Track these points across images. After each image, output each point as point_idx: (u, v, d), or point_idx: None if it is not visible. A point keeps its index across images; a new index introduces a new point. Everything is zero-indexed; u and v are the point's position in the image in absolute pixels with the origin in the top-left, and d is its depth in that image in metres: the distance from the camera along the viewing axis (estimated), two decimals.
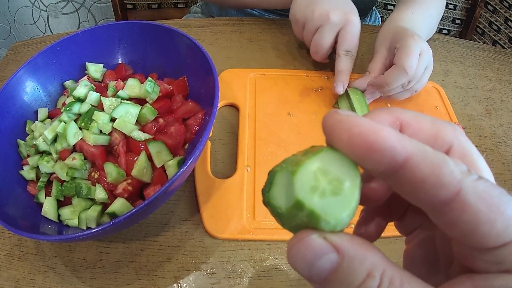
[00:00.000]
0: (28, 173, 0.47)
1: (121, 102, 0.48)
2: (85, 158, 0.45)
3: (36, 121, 0.51)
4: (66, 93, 0.55)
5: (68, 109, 0.47)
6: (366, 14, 0.94)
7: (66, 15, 1.56)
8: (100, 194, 0.43)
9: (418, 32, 0.62)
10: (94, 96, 0.49)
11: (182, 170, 0.38)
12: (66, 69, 0.56)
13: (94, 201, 0.44)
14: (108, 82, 0.55)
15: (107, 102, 0.47)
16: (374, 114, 0.20)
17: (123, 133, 0.46)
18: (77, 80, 0.56)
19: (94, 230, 0.35)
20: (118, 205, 0.42)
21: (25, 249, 0.46)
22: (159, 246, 0.46)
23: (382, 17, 1.03)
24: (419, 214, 0.22)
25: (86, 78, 0.56)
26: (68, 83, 0.56)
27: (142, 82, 0.52)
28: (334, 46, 0.62)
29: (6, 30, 1.58)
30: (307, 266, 0.16)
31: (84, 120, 0.46)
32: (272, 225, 0.47)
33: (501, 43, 1.10)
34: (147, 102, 0.50)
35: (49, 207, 0.44)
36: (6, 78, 0.58)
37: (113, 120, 0.47)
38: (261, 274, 0.44)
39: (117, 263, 0.45)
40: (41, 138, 0.47)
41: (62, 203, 0.45)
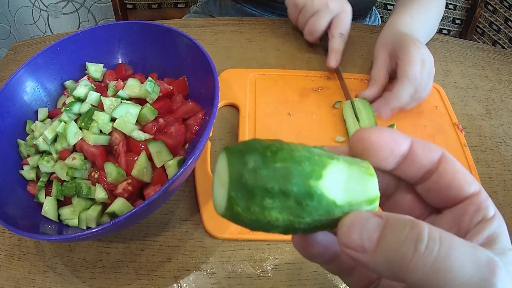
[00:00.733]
0: (28, 173, 0.47)
1: (121, 102, 0.48)
2: (85, 158, 0.45)
3: (36, 121, 0.51)
4: (66, 93, 0.55)
5: (68, 109, 0.47)
6: (366, 14, 0.94)
7: (66, 15, 1.56)
8: (100, 194, 0.43)
9: (418, 36, 0.62)
10: (94, 96, 0.49)
11: (182, 170, 0.38)
12: (66, 69, 0.56)
13: (94, 201, 0.44)
14: (108, 82, 0.55)
15: (107, 102, 0.47)
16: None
17: (123, 133, 0.46)
18: (77, 80, 0.56)
19: (94, 230, 0.35)
20: (118, 205, 0.42)
21: (25, 249, 0.46)
22: (159, 246, 0.46)
23: (382, 17, 1.03)
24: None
25: (86, 78, 0.56)
26: (68, 83, 0.56)
27: (142, 82, 0.52)
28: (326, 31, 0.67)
29: (6, 30, 1.58)
30: (359, 232, 0.19)
31: (84, 120, 0.46)
32: None
33: (501, 43, 1.10)
34: (147, 102, 0.50)
35: (49, 207, 0.44)
36: (6, 78, 0.58)
37: (113, 120, 0.47)
38: (261, 274, 0.44)
39: (117, 263, 0.45)
40: (41, 138, 0.47)
41: (62, 203, 0.45)
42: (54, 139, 0.47)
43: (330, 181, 0.19)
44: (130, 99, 0.50)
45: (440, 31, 1.12)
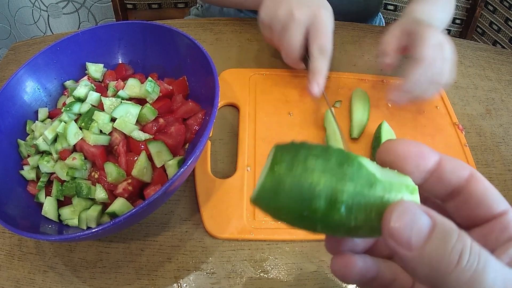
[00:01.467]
0: (28, 173, 0.47)
1: (121, 102, 0.48)
2: (85, 158, 0.45)
3: (36, 121, 0.51)
4: (66, 93, 0.55)
5: (68, 109, 0.47)
6: (372, 19, 0.94)
7: (67, 15, 1.56)
8: (100, 194, 0.43)
9: (435, 24, 0.58)
10: (94, 96, 0.49)
11: (182, 170, 0.38)
12: (66, 69, 0.56)
13: (94, 201, 0.45)
14: (108, 82, 0.55)
15: (107, 102, 0.47)
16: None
17: (123, 133, 0.46)
18: (77, 80, 0.56)
19: (94, 230, 0.35)
20: (118, 205, 0.42)
21: (25, 249, 0.46)
22: (159, 246, 0.46)
23: (384, 17, 1.03)
24: None
25: (86, 78, 0.56)
26: (68, 83, 0.56)
27: (142, 82, 0.52)
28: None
29: (7, 30, 1.58)
30: (409, 226, 0.18)
31: (84, 120, 0.46)
32: (272, 225, 0.47)
33: (501, 43, 1.10)
34: (147, 102, 0.50)
35: (49, 207, 0.44)
36: (6, 78, 0.58)
37: (113, 120, 0.47)
38: (261, 274, 0.44)
39: (117, 263, 0.45)
40: (41, 138, 0.47)
41: (62, 203, 0.45)
42: (54, 139, 0.47)
43: (366, 161, 0.20)
44: (130, 99, 0.50)
45: None
